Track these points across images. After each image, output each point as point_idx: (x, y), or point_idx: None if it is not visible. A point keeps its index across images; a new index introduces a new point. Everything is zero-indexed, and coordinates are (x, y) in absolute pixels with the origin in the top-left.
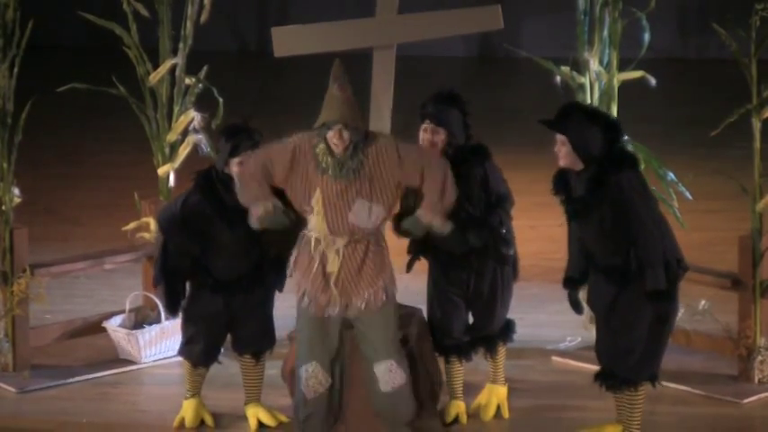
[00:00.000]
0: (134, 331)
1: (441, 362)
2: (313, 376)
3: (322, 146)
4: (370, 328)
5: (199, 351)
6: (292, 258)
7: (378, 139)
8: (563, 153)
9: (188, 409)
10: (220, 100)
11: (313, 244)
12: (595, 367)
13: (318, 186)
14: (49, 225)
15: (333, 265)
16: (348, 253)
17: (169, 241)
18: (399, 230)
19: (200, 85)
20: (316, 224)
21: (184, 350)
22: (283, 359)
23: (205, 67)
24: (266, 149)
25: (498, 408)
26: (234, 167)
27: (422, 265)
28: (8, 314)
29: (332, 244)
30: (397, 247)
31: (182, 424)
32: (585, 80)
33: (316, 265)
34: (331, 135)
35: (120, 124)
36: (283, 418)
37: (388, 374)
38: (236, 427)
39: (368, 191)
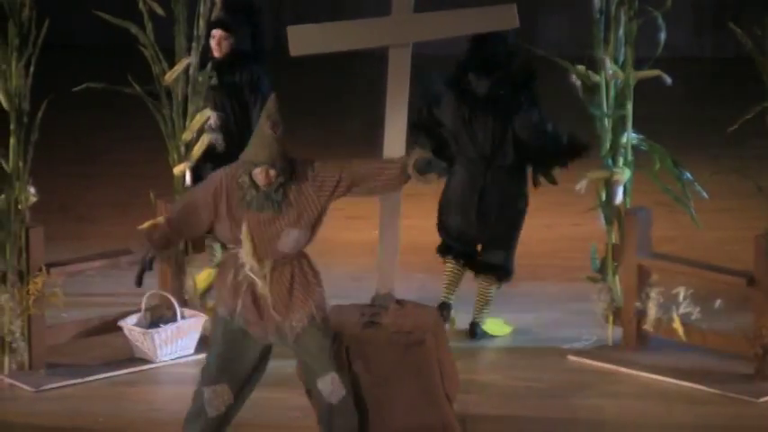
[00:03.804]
0: (150, 330)
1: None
2: (219, 396)
3: (246, 178)
4: (306, 348)
5: None
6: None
7: (298, 166)
8: None
9: None
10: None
11: (241, 267)
12: (611, 366)
13: (244, 219)
14: (65, 224)
15: (264, 290)
16: (276, 277)
17: None
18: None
19: (213, 81)
20: (244, 254)
21: None
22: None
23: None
24: (190, 194)
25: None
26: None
27: (425, 264)
28: (24, 313)
29: (259, 269)
30: (408, 245)
31: None
32: (601, 79)
33: (244, 288)
34: (257, 172)
35: (135, 123)
36: None
37: (332, 386)
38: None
39: (293, 219)
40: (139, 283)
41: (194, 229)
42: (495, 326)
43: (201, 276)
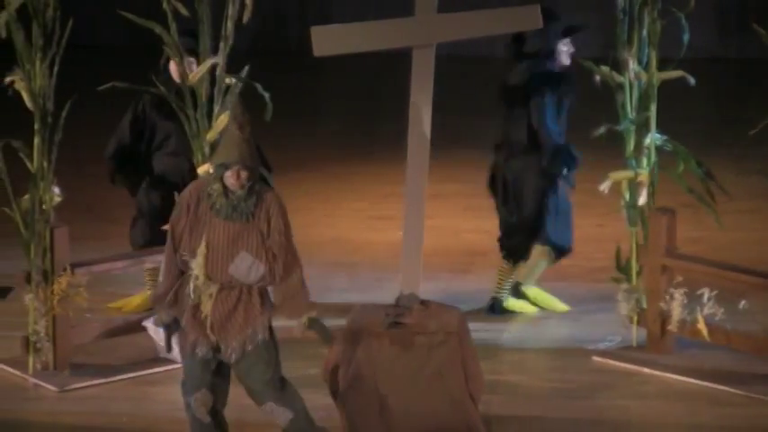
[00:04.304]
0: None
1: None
2: (202, 404)
3: (217, 186)
4: (246, 373)
5: None
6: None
7: (269, 196)
8: None
9: None
10: (266, 94)
11: (191, 283)
12: (636, 367)
13: (207, 227)
14: (90, 224)
15: (205, 308)
16: (221, 298)
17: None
18: None
19: (241, 84)
20: (196, 265)
21: None
22: (324, 359)
23: (246, 67)
24: (169, 237)
25: None
26: (171, 66)
27: (449, 265)
28: (48, 313)
29: (207, 288)
30: (432, 245)
31: None
32: (625, 80)
33: (191, 306)
34: (229, 175)
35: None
36: None
37: (272, 415)
38: None
39: (253, 246)
40: (169, 348)
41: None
42: (519, 303)
43: (135, 300)
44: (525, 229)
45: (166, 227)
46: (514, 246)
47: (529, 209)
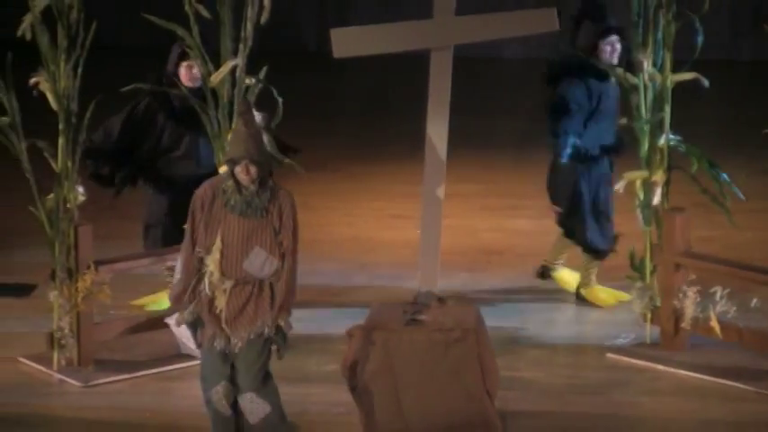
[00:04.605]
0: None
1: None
2: (224, 396)
3: (230, 183)
4: (240, 360)
5: None
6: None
7: (281, 193)
8: None
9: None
10: (279, 100)
11: (206, 279)
12: (649, 363)
13: (222, 224)
14: (113, 222)
15: (220, 303)
16: (235, 293)
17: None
18: None
19: (260, 85)
20: (211, 261)
21: None
22: (343, 355)
23: (265, 68)
24: (187, 235)
25: None
26: (183, 70)
27: (466, 263)
28: (73, 310)
29: (221, 283)
30: (449, 244)
31: None
32: (639, 81)
33: (207, 302)
34: (239, 170)
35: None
36: None
37: (251, 405)
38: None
39: (267, 242)
40: (199, 344)
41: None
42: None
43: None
44: (566, 220)
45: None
46: (567, 227)
47: (563, 202)
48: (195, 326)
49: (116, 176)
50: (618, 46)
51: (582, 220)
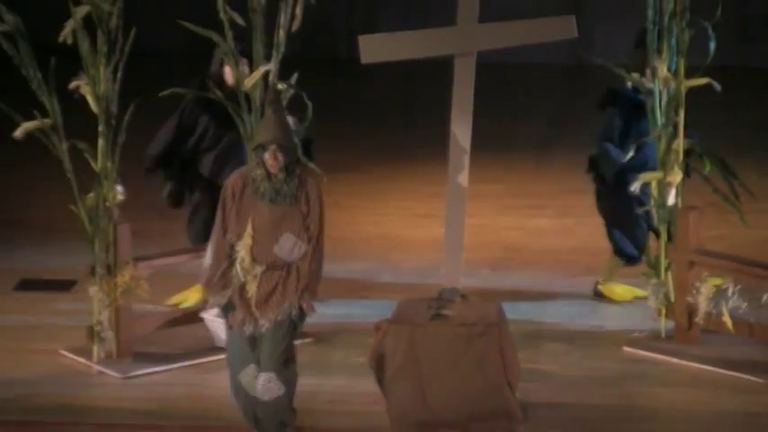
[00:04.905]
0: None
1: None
2: (253, 378)
3: (260, 171)
4: (265, 341)
5: None
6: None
7: (308, 181)
8: None
9: None
10: (309, 104)
11: (237, 265)
12: (664, 357)
13: (253, 211)
14: (150, 221)
15: (251, 288)
16: (265, 278)
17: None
18: None
19: (292, 90)
20: (242, 247)
21: None
22: (371, 348)
23: (296, 74)
24: (218, 221)
25: None
26: (227, 71)
27: (488, 260)
28: (112, 304)
29: (252, 269)
30: (472, 242)
31: None
32: (654, 86)
33: (238, 288)
34: (267, 156)
35: None
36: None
37: (267, 384)
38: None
39: (296, 227)
40: (230, 328)
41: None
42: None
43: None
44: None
45: None
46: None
47: (604, 216)
48: (227, 310)
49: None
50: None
51: (613, 230)
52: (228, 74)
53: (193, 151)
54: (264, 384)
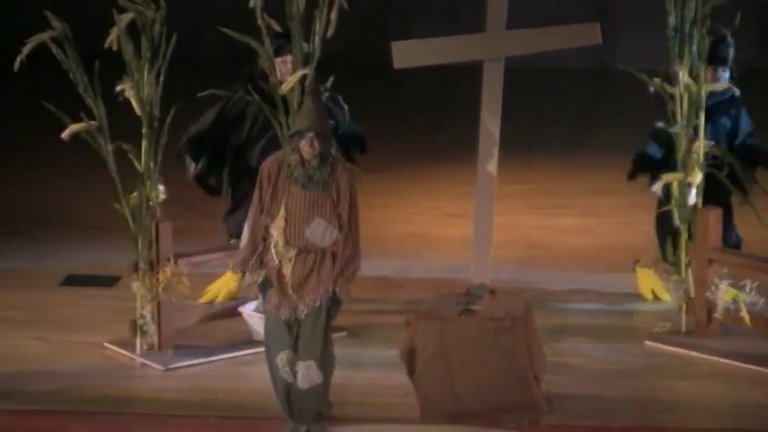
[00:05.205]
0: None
1: None
2: (287, 363)
3: (294, 157)
4: (304, 327)
5: None
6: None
7: (342, 168)
8: None
9: None
10: (345, 107)
11: (272, 249)
12: (684, 351)
13: (285, 195)
14: (191, 219)
15: (286, 271)
16: (300, 261)
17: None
18: None
19: (327, 93)
20: (275, 229)
21: None
22: (402, 342)
23: (331, 77)
24: (254, 200)
25: None
26: (279, 65)
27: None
28: (154, 299)
29: (286, 252)
30: (500, 240)
31: None
32: (676, 91)
33: (274, 271)
34: (303, 143)
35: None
36: None
37: (307, 372)
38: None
39: (327, 213)
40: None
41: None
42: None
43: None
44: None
45: None
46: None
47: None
48: (265, 287)
49: (216, 177)
50: (719, 74)
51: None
52: (279, 68)
53: (241, 143)
54: (305, 372)
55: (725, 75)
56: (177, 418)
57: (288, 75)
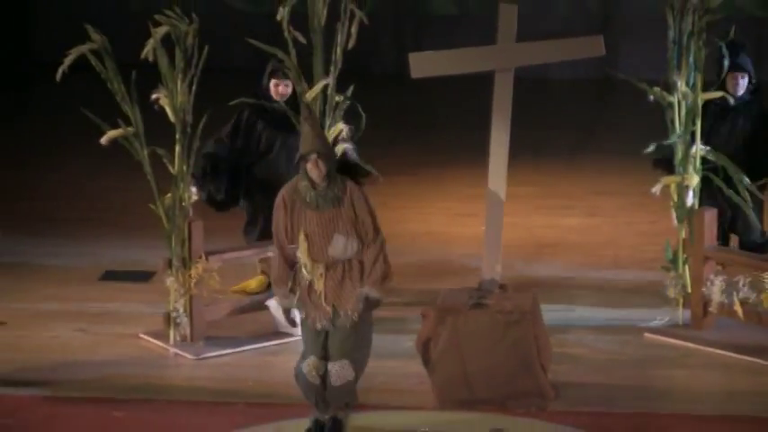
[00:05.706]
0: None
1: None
2: (314, 368)
3: (304, 183)
4: (338, 331)
5: None
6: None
7: (349, 184)
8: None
9: None
10: (363, 115)
11: (302, 271)
12: (682, 342)
13: (303, 221)
14: (221, 218)
15: (319, 286)
16: (330, 274)
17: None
18: None
19: (348, 101)
20: (301, 253)
21: None
22: (418, 333)
23: (351, 87)
24: (275, 229)
25: None
26: (272, 86)
27: (523, 255)
28: (186, 293)
29: (316, 269)
30: (509, 238)
31: None
32: (674, 99)
33: (306, 288)
34: (310, 167)
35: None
36: None
37: (341, 371)
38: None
39: (344, 227)
40: (294, 324)
41: None
42: None
43: (252, 284)
44: None
45: None
46: None
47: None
48: (288, 310)
49: (227, 193)
50: (741, 81)
51: None
52: (273, 90)
53: (253, 156)
54: (338, 371)
55: (743, 81)
56: (208, 404)
57: (281, 96)
